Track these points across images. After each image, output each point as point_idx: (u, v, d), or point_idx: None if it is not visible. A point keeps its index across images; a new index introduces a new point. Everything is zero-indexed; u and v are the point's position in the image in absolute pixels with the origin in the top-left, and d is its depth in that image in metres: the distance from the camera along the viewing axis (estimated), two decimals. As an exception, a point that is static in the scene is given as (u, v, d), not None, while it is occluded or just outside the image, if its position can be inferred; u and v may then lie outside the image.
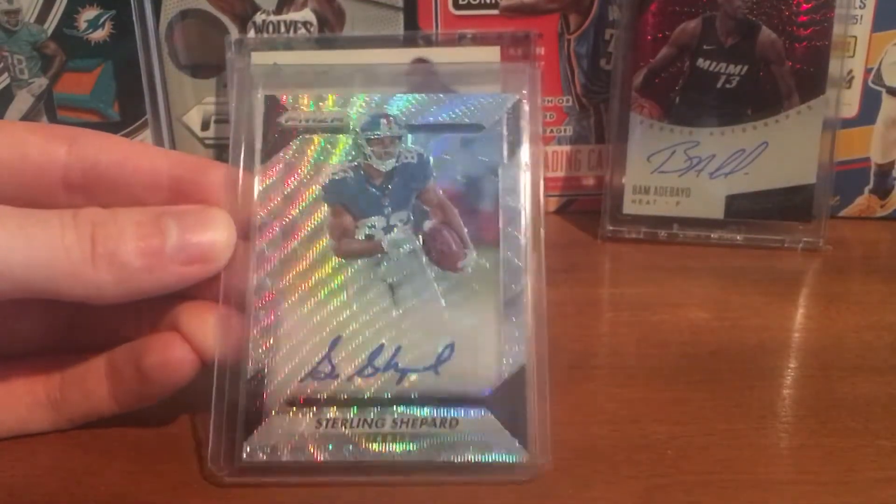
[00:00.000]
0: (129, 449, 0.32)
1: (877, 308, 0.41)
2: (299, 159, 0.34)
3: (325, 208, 0.33)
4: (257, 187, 0.33)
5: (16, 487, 0.30)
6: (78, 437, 0.32)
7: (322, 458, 0.30)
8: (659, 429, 0.32)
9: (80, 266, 0.28)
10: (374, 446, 0.30)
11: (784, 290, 0.43)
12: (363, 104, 0.35)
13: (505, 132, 0.34)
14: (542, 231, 0.33)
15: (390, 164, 0.34)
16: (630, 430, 0.32)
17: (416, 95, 0.35)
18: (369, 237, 0.33)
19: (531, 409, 0.30)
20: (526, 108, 0.34)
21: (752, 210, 0.47)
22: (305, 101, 0.35)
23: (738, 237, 0.47)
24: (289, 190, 0.33)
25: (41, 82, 0.47)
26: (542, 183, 0.34)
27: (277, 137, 0.34)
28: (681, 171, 0.47)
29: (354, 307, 0.32)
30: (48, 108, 0.48)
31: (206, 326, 0.31)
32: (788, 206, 0.47)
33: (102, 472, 0.31)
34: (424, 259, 0.33)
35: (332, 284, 0.32)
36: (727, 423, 0.33)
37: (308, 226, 0.33)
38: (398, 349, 0.31)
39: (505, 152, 0.34)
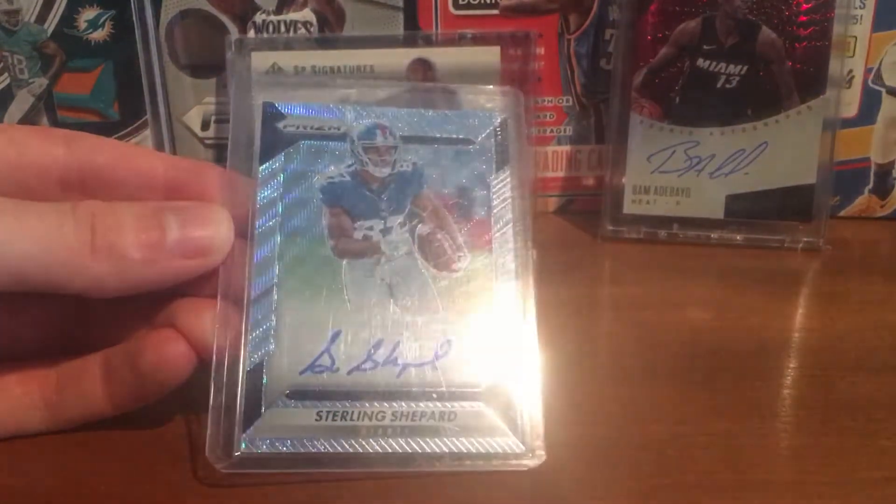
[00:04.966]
0: (128, 449, 0.32)
1: (877, 308, 0.41)
2: (297, 163, 0.35)
3: (322, 208, 0.34)
4: (254, 188, 0.34)
5: (15, 488, 0.30)
6: (77, 438, 0.32)
7: (320, 451, 0.30)
8: (659, 429, 0.32)
9: (79, 257, 0.28)
10: (373, 439, 0.30)
11: (784, 290, 0.43)
12: (360, 114, 0.36)
13: (493, 146, 0.36)
14: (531, 236, 0.34)
15: (386, 171, 0.35)
16: (630, 430, 0.32)
17: (411, 111, 0.36)
18: (367, 238, 0.33)
19: (525, 403, 0.31)
20: (512, 126, 0.36)
21: (752, 210, 0.47)
22: (303, 109, 0.36)
23: (738, 237, 0.47)
24: (286, 191, 0.34)
25: (41, 82, 0.47)
26: (530, 193, 0.36)
27: (275, 142, 0.35)
28: (681, 171, 0.47)
29: (354, 303, 0.32)
30: (48, 108, 0.48)
31: (203, 322, 0.31)
32: (788, 206, 0.47)
33: (102, 473, 0.31)
34: (420, 260, 0.33)
35: (331, 281, 0.33)
36: (727, 423, 0.33)
37: (306, 225, 0.33)
38: (397, 344, 0.32)
39: (494, 165, 0.36)
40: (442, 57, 0.47)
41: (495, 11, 0.47)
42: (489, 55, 0.47)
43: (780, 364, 0.37)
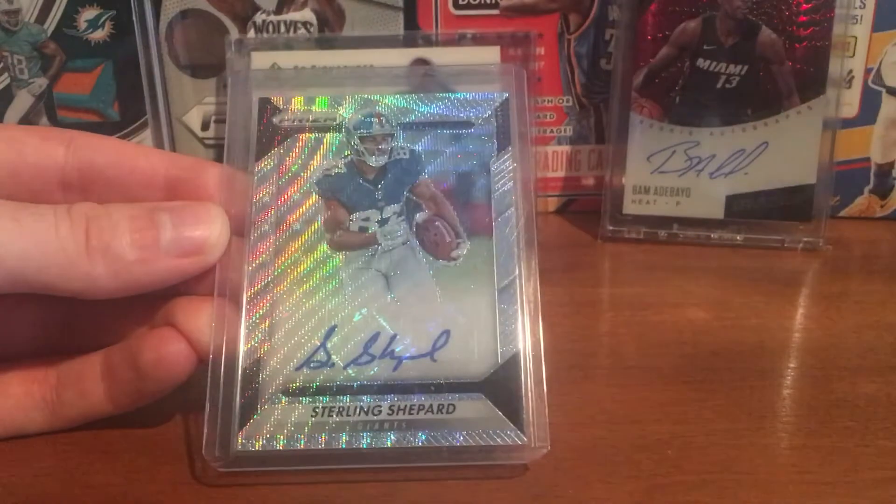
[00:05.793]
0: (127, 449, 0.32)
1: (877, 308, 0.41)
2: (292, 157, 0.35)
3: (319, 202, 0.34)
4: (251, 185, 0.34)
5: (15, 488, 0.30)
6: (76, 438, 0.32)
7: (317, 447, 0.30)
8: (659, 429, 0.32)
9: (74, 258, 0.28)
10: (371, 434, 0.30)
11: (784, 290, 0.43)
12: (355, 104, 0.36)
13: (494, 128, 0.35)
14: (535, 222, 0.34)
15: (382, 160, 0.35)
16: (630, 430, 0.32)
17: (407, 95, 0.36)
18: (363, 229, 0.33)
19: (527, 394, 0.31)
20: (514, 104, 0.35)
21: (752, 210, 0.47)
22: (298, 102, 0.36)
23: (738, 237, 0.47)
24: (282, 186, 0.34)
25: (41, 82, 0.47)
26: (532, 176, 0.35)
27: (271, 137, 0.35)
28: (681, 171, 0.47)
29: (349, 296, 0.32)
30: (48, 108, 0.48)
31: (201, 321, 0.31)
32: (788, 206, 0.47)
33: (101, 473, 0.31)
34: (418, 249, 0.33)
35: (327, 275, 0.33)
36: (727, 423, 0.33)
37: (302, 220, 0.34)
38: (394, 337, 0.32)
39: (495, 147, 0.35)
40: (442, 57, 0.47)
41: (495, 11, 0.47)
42: (489, 55, 0.47)
43: (779, 364, 0.37)
